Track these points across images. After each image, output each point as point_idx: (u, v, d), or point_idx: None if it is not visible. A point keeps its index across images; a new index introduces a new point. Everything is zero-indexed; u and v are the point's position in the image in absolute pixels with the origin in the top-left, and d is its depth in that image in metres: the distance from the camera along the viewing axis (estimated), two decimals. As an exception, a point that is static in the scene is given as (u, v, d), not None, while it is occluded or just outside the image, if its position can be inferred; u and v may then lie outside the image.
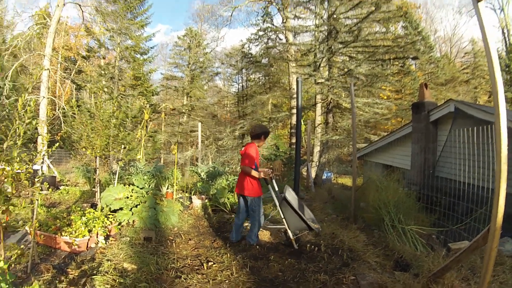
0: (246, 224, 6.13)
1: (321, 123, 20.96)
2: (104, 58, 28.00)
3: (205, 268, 4.30)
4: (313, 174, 15.60)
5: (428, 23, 37.82)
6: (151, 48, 29.26)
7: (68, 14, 60.96)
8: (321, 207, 8.89)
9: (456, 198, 6.47)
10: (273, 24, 27.50)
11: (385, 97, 27.57)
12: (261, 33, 27.81)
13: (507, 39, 29.03)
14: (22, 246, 4.09)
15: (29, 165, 3.79)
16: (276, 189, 5.45)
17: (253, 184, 5.15)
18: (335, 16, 18.41)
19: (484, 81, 29.94)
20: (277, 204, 5.28)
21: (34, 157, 3.97)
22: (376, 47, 18.85)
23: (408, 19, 23.88)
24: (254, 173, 5.06)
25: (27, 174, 3.69)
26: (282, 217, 5.19)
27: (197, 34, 33.45)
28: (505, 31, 29.26)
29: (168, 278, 3.97)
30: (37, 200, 4.23)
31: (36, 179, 3.96)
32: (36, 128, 10.99)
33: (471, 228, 5.65)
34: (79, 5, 18.04)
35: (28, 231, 4.98)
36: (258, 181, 5.24)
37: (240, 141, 28.85)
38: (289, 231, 5.15)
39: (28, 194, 7.47)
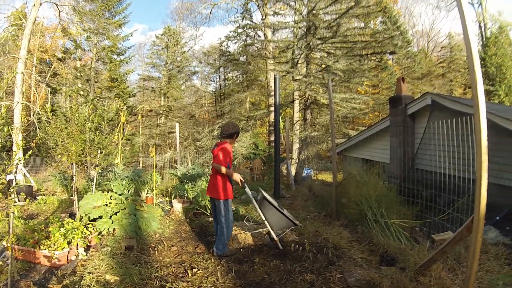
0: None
1: (299, 120, 21.03)
2: (80, 59, 27.40)
3: (190, 275, 4.21)
4: (293, 172, 15.64)
5: (406, 18, 38.39)
6: (128, 48, 28.92)
7: (45, 15, 59.55)
8: (303, 204, 8.89)
9: (437, 190, 6.54)
10: (252, 21, 27.39)
11: (363, 92, 27.84)
12: (240, 30, 27.69)
13: (483, 33, 29.71)
14: (0, 263, 3.92)
15: (2, 175, 3.63)
16: (249, 192, 5.36)
17: (223, 185, 4.94)
18: (314, 11, 18.45)
19: (460, 74, 30.59)
20: (256, 205, 5.19)
21: (7, 166, 3.79)
22: (354, 42, 18.98)
23: (387, 14, 24.17)
24: (226, 171, 4.84)
25: (0, 186, 3.53)
26: (264, 219, 5.12)
27: (175, 32, 33.18)
28: (482, 25, 29.93)
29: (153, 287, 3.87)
30: (13, 212, 4.04)
31: (10, 190, 3.79)
32: (10, 136, 10.64)
33: (454, 219, 5.71)
34: (56, 5, 17.60)
35: (5, 246, 4.78)
36: (230, 183, 5.04)
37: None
38: (272, 232, 5.08)
39: (4, 206, 7.25)
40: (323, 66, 19.50)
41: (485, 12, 29.94)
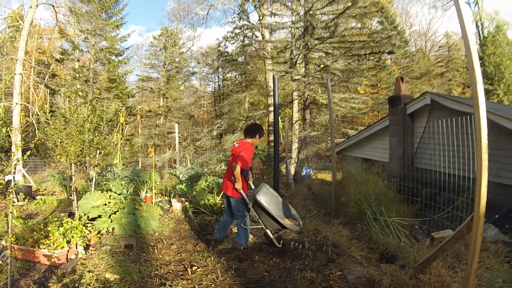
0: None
1: (298, 120, 21.06)
2: (78, 60, 27.45)
3: (190, 273, 4.20)
4: (292, 171, 15.62)
5: (403, 18, 38.44)
6: (126, 49, 28.99)
7: (42, 16, 59.56)
8: (302, 203, 8.87)
9: (437, 188, 6.55)
10: (249, 22, 27.38)
11: (362, 92, 27.88)
12: (237, 31, 27.68)
13: (480, 32, 29.76)
14: (0, 262, 3.92)
15: (0, 175, 3.62)
16: (252, 187, 5.36)
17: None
18: (311, 12, 18.51)
19: (458, 73, 30.67)
20: (252, 208, 5.12)
21: (5, 167, 3.79)
22: (352, 42, 19.05)
23: (384, 14, 24.19)
24: (239, 175, 4.76)
25: (-1, 186, 3.53)
26: (258, 218, 5.09)
27: (173, 33, 33.15)
28: (479, 24, 29.98)
29: (153, 286, 3.86)
30: (12, 212, 4.04)
31: (9, 190, 3.79)
32: (9, 136, 10.64)
33: (453, 217, 5.72)
34: (53, 6, 17.58)
35: (5, 246, 4.77)
36: (244, 180, 5.01)
37: (218, 141, 28.72)
38: (267, 231, 5.06)
39: (3, 206, 7.24)
40: (322, 66, 19.55)
41: (482, 11, 30.01)
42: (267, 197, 5.30)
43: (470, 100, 7.27)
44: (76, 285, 3.85)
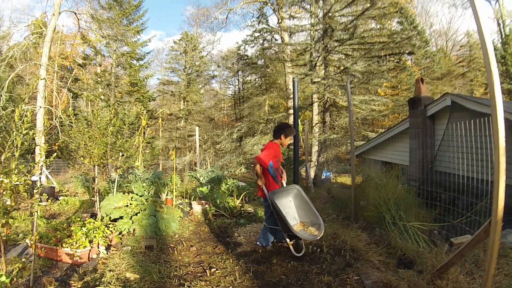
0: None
1: (318, 123, 20.98)
2: (100, 65, 28.04)
3: (208, 274, 4.27)
4: (312, 174, 15.60)
5: (423, 17, 37.86)
6: (147, 54, 29.51)
7: (64, 23, 61.12)
8: (321, 207, 8.87)
9: (456, 192, 6.46)
10: (268, 25, 27.56)
11: (382, 94, 27.60)
12: (256, 34, 27.88)
13: (502, 31, 29.04)
14: (23, 260, 4.06)
15: (27, 176, 3.76)
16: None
17: (264, 184, 4.92)
18: (330, 14, 18.46)
19: (480, 73, 29.96)
20: (278, 212, 4.79)
21: (32, 168, 3.93)
22: (371, 43, 18.89)
23: (404, 14, 23.92)
24: (256, 168, 4.80)
25: (26, 186, 3.66)
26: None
27: (193, 38, 33.49)
28: (500, 22, 29.27)
29: (172, 286, 3.94)
30: (37, 212, 4.19)
31: (35, 191, 3.93)
32: (34, 139, 10.96)
33: (472, 222, 5.64)
34: (75, 13, 18.09)
35: (29, 244, 4.94)
36: (273, 180, 5.00)
37: (238, 143, 28.85)
38: (284, 235, 4.80)
39: (28, 206, 7.47)
40: (341, 68, 19.45)
41: (503, 9, 29.23)
42: (297, 200, 5.13)
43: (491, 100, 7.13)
44: (97, 283, 3.95)
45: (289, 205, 5.05)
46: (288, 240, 4.79)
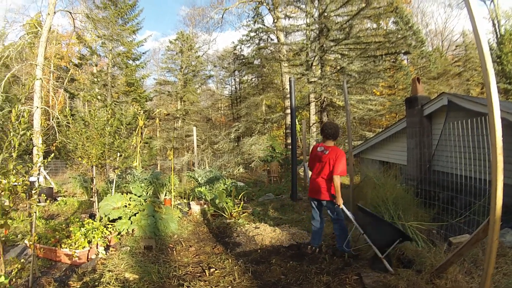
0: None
1: (316, 122, 21.03)
2: (96, 65, 27.92)
3: (207, 274, 4.28)
4: (309, 174, 15.58)
5: (419, 17, 37.92)
6: (143, 53, 29.35)
7: (59, 23, 60.92)
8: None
9: (454, 192, 6.48)
10: (264, 25, 27.53)
11: (378, 93, 27.65)
12: (252, 34, 27.85)
13: (497, 30, 29.15)
14: (22, 260, 4.04)
15: (25, 177, 3.75)
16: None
17: (330, 187, 4.92)
18: (325, 14, 18.51)
19: (476, 73, 30.04)
20: (356, 224, 4.80)
21: (30, 168, 3.92)
22: (367, 43, 18.95)
23: (399, 14, 23.96)
24: (338, 188, 4.75)
25: (24, 187, 3.65)
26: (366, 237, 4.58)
27: (188, 37, 33.39)
28: (495, 22, 29.38)
29: (171, 286, 3.95)
30: (35, 212, 4.18)
31: (33, 191, 3.92)
32: (31, 139, 10.91)
33: (471, 221, 5.65)
34: (70, 13, 18.03)
35: (28, 245, 4.93)
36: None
37: (236, 143, 28.83)
38: (377, 251, 4.27)
39: (26, 206, 7.45)
40: (338, 67, 19.51)
41: (498, 9, 29.34)
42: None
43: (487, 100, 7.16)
44: (96, 283, 3.96)
45: None
46: (379, 254, 4.26)
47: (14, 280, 3.92)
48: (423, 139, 8.91)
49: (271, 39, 28.53)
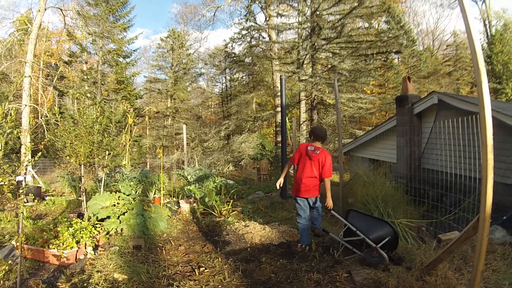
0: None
1: (306, 120, 21.07)
2: (86, 62, 27.66)
3: (197, 274, 4.24)
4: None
5: (411, 17, 38.14)
6: (133, 51, 29.13)
7: (50, 20, 60.24)
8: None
9: (444, 189, 6.53)
10: (256, 23, 27.52)
11: (369, 92, 27.78)
12: (244, 32, 27.83)
13: (488, 31, 29.46)
14: (10, 262, 3.99)
15: (12, 176, 3.68)
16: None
17: (319, 185, 5.27)
18: (318, 12, 18.52)
19: (466, 72, 30.35)
20: (345, 221, 4.99)
21: (17, 168, 3.85)
22: (359, 42, 19.00)
23: (391, 14, 24.07)
24: (329, 188, 5.15)
25: (11, 186, 3.58)
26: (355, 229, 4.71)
27: (180, 35, 33.24)
28: (487, 22, 29.69)
29: (160, 286, 3.90)
30: (22, 213, 4.10)
31: (20, 191, 3.85)
32: (19, 138, 10.76)
33: (460, 219, 5.70)
34: (61, 10, 17.85)
35: (15, 246, 4.85)
36: None
37: (226, 141, 28.80)
38: (373, 244, 4.35)
39: (13, 207, 7.34)
40: (329, 66, 19.55)
41: (489, 10, 29.66)
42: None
43: (477, 99, 7.22)
44: (85, 284, 3.90)
45: None
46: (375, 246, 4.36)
47: (1, 282, 3.86)
48: (413, 137, 8.96)
49: (263, 37, 28.57)
